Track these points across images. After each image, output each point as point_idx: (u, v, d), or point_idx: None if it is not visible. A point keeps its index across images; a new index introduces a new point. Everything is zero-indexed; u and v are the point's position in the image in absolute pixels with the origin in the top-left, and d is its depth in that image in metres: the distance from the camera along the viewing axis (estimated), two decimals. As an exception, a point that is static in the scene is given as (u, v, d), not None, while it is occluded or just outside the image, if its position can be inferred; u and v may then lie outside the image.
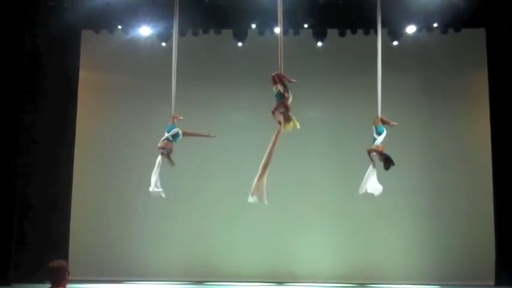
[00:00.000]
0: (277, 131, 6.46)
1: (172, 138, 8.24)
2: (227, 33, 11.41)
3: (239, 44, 11.58)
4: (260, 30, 11.25)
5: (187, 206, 11.85)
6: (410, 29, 11.17)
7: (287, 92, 6.68)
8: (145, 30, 11.32)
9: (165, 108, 8.80)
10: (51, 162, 11.02)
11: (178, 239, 11.82)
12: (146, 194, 8.34)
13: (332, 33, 11.38)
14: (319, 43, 11.54)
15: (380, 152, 7.94)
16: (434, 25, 11.10)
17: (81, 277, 10.04)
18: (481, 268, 11.06)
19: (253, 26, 11.22)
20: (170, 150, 8.17)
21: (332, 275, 11.49)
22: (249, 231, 11.71)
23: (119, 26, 11.31)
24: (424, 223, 11.70)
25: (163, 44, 11.36)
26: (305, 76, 11.12)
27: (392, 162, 7.87)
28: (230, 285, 10.95)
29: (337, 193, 11.61)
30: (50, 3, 10.58)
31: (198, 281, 11.37)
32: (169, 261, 11.69)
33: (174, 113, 8.52)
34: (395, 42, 11.37)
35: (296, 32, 11.16)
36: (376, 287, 11.21)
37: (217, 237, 11.73)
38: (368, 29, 10.90)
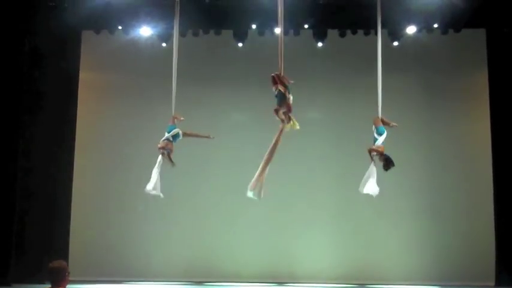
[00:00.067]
0: (280, 129, 6.45)
1: (172, 138, 8.24)
2: (227, 33, 11.42)
3: (239, 45, 11.59)
4: (260, 31, 11.25)
5: (187, 206, 11.85)
6: (411, 29, 11.17)
7: (288, 93, 6.67)
8: (145, 31, 11.32)
9: (165, 108, 8.80)
10: (51, 162, 11.02)
11: (178, 239, 11.82)
12: (146, 195, 8.35)
13: (332, 33, 11.39)
14: (320, 43, 11.55)
15: (381, 153, 7.94)
16: (435, 26, 11.10)
17: (81, 277, 10.03)
18: (481, 268, 11.06)
19: (253, 26, 11.22)
20: (170, 150, 8.18)
21: (332, 275, 11.49)
22: (249, 232, 11.71)
23: (119, 27, 11.32)
24: (424, 223, 11.70)
25: (163, 45, 11.37)
26: (305, 76, 11.16)
27: (392, 163, 7.86)
28: (230, 285, 10.94)
29: (337, 193, 11.61)
30: (51, 4, 10.58)
31: (198, 281, 11.38)
32: (169, 261, 11.69)
33: (175, 113, 8.53)
34: (395, 43, 11.37)
35: (296, 33, 11.15)
36: (376, 287, 11.20)
37: (217, 237, 11.73)
38: (368, 29, 10.90)
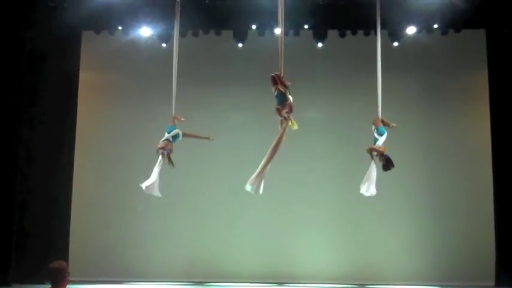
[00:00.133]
0: (284, 127, 6.46)
1: (172, 139, 8.24)
2: (227, 34, 11.41)
3: (239, 45, 11.58)
4: (260, 31, 11.25)
5: (187, 207, 11.86)
6: (411, 30, 11.17)
7: (288, 93, 6.69)
8: (145, 31, 11.32)
9: (165, 108, 8.79)
10: (51, 162, 11.02)
11: (179, 240, 11.81)
12: (146, 195, 8.33)
13: (332, 34, 11.38)
14: (320, 44, 11.55)
15: (381, 153, 7.93)
16: (435, 26, 11.09)
17: (81, 278, 10.04)
18: (481, 268, 11.06)
19: (253, 26, 11.22)
20: (170, 150, 8.17)
21: (332, 276, 11.49)
22: (249, 232, 11.71)
23: (119, 27, 11.31)
24: (424, 223, 11.70)
25: (163, 45, 11.37)
26: (305, 77, 11.17)
27: (392, 164, 7.86)
28: (230, 285, 10.95)
29: (337, 193, 11.61)
30: (51, 4, 10.59)
31: (198, 281, 11.38)
32: (169, 261, 11.69)
33: (175, 113, 8.52)
34: (395, 43, 11.37)
35: (296, 33, 11.15)
36: (376, 287, 11.20)
37: (217, 237, 11.74)
38: (368, 30, 10.89)
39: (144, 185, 7.98)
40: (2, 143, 10.34)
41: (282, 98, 6.62)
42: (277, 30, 8.15)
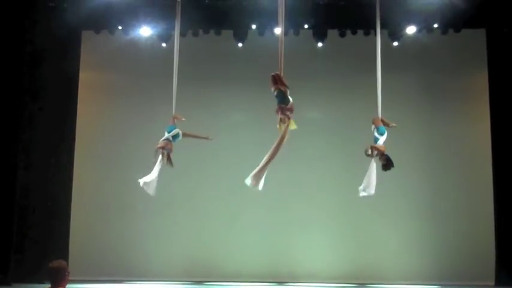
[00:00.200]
0: (287, 125, 6.46)
1: (172, 138, 8.23)
2: (227, 33, 11.41)
3: (239, 45, 11.59)
4: (260, 31, 11.25)
5: (187, 206, 11.86)
6: (411, 29, 11.18)
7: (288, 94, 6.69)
8: (145, 31, 11.33)
9: (165, 108, 8.78)
10: (51, 162, 11.03)
11: (178, 239, 11.82)
12: (146, 194, 8.31)
13: (332, 33, 11.39)
14: (320, 44, 11.55)
15: (382, 152, 7.92)
16: (435, 26, 11.10)
17: (81, 277, 10.04)
18: (481, 268, 11.07)
19: (253, 26, 11.23)
20: (170, 150, 8.16)
21: (332, 275, 11.50)
22: (249, 231, 11.72)
23: (119, 27, 11.32)
24: (424, 223, 11.71)
25: (163, 45, 11.38)
26: (305, 76, 11.18)
27: (392, 164, 7.85)
28: (230, 285, 10.94)
29: (337, 193, 11.61)
30: (50, 4, 10.59)
31: (198, 280, 11.38)
32: (169, 261, 11.70)
33: (175, 113, 8.52)
34: (395, 43, 11.38)
35: (296, 33, 11.15)
36: (376, 287, 11.21)
37: (217, 237, 11.74)
38: (368, 29, 10.89)
39: (142, 180, 7.94)
40: (2, 143, 10.34)
41: (283, 98, 6.62)
42: (277, 30, 8.16)
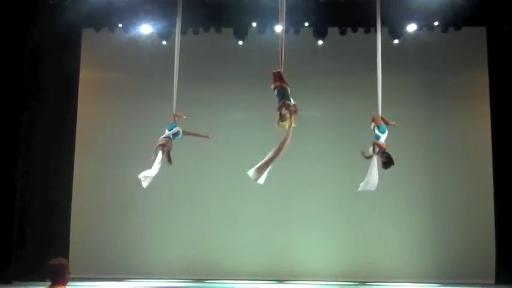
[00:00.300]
0: (290, 124, 6.45)
1: (172, 136, 8.22)
2: (228, 31, 11.41)
3: (240, 43, 11.58)
4: (261, 29, 11.24)
5: (187, 204, 11.86)
6: (411, 27, 11.17)
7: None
8: (145, 29, 11.33)
9: (166, 106, 8.76)
10: (51, 161, 11.02)
11: (178, 237, 11.82)
12: (146, 193, 8.32)
13: (332, 31, 11.38)
14: (320, 41, 11.55)
15: (383, 150, 7.91)
16: (435, 23, 11.10)
17: (81, 275, 10.06)
18: (481, 267, 11.07)
19: (253, 24, 11.22)
20: (170, 148, 8.15)
21: (332, 273, 11.50)
22: (249, 230, 11.72)
23: (120, 25, 11.31)
24: (424, 222, 11.71)
25: (164, 43, 11.37)
26: (305, 74, 11.18)
27: (392, 162, 7.84)
28: (230, 283, 10.95)
29: (337, 191, 11.61)
30: (51, 2, 10.57)
31: (198, 279, 11.38)
32: (169, 259, 11.70)
33: (176, 111, 8.50)
34: (396, 41, 11.37)
35: (297, 31, 11.14)
36: (376, 285, 11.21)
37: (217, 235, 11.74)
38: (368, 27, 10.89)
39: (142, 174, 7.88)
40: (2, 142, 10.33)
41: (284, 95, 6.61)
42: (278, 28, 8.16)
